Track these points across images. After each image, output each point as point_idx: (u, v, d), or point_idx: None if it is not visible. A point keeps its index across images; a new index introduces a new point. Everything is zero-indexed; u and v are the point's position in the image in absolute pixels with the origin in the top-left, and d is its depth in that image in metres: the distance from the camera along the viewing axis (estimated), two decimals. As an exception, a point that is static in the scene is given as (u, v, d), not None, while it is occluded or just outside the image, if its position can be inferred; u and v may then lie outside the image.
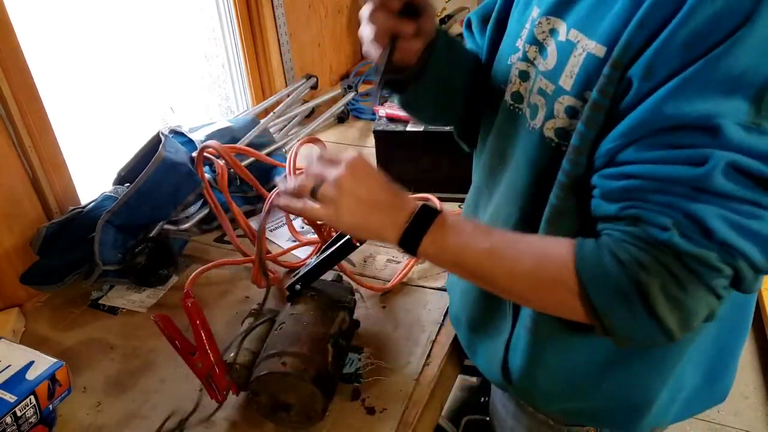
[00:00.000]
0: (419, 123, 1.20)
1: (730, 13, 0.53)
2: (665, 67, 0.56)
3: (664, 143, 0.56)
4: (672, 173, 0.55)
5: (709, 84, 0.54)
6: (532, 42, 0.72)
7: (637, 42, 0.58)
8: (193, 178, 1.21)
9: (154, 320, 0.84)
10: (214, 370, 0.82)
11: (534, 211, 0.71)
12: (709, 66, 0.54)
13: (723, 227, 0.54)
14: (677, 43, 0.55)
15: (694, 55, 0.54)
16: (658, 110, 0.56)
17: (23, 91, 1.06)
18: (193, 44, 1.60)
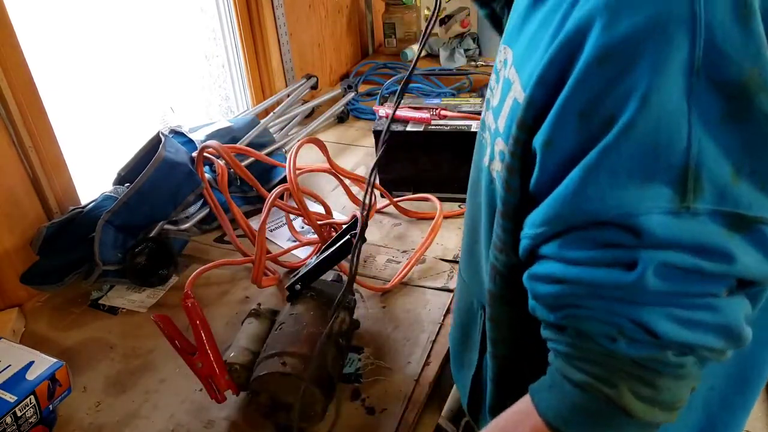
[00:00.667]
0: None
1: (626, 78, 0.47)
2: (565, 139, 0.51)
3: (586, 241, 0.52)
4: (603, 279, 0.51)
5: (618, 171, 0.48)
6: (494, 71, 0.70)
7: (538, 99, 0.53)
8: (193, 178, 1.21)
9: (154, 321, 0.84)
10: (214, 370, 0.82)
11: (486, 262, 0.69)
12: (614, 148, 0.48)
13: (671, 327, 0.50)
14: (573, 111, 0.50)
15: (593, 129, 0.49)
16: (572, 203, 0.51)
17: (23, 91, 1.06)
18: (193, 44, 1.60)
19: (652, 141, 0.47)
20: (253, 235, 1.14)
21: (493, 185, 0.66)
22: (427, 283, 1.09)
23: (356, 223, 0.94)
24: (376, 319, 1.01)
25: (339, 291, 0.93)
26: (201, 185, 1.21)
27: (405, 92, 1.80)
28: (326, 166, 1.30)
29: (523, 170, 0.57)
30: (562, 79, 0.51)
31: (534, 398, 0.57)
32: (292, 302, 0.92)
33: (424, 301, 1.05)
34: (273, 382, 0.80)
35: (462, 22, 2.06)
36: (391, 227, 1.25)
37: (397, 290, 1.08)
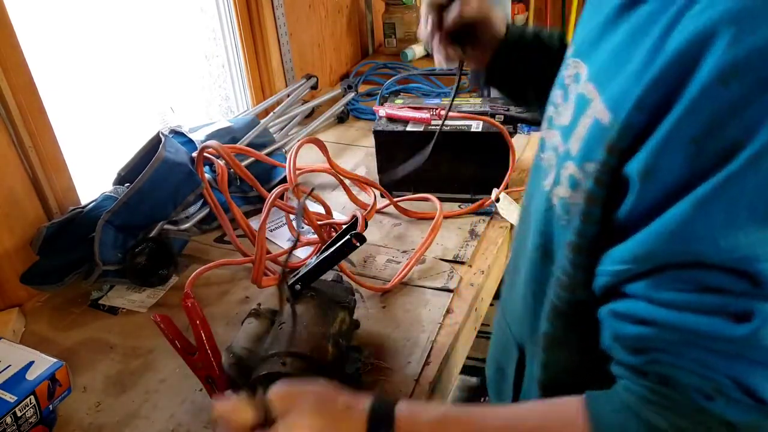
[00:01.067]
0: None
1: (755, 100, 0.41)
2: (671, 168, 0.45)
3: (686, 283, 0.45)
4: (703, 327, 0.45)
5: (738, 208, 0.42)
6: (560, 86, 0.64)
7: (636, 125, 0.47)
8: (193, 178, 1.21)
9: (154, 320, 0.84)
10: (213, 370, 0.82)
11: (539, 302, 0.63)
12: (736, 181, 0.42)
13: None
14: (684, 137, 0.44)
15: (709, 158, 0.43)
16: (673, 240, 0.45)
17: (23, 90, 1.06)
18: (193, 44, 1.60)
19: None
20: (253, 235, 1.14)
21: (550, 212, 0.60)
22: (427, 283, 1.09)
23: (356, 223, 0.94)
24: (376, 319, 1.01)
25: (339, 291, 0.94)
26: (201, 185, 1.21)
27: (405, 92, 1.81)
28: (326, 166, 1.30)
29: (607, 199, 0.51)
30: (668, 101, 0.45)
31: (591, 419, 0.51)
32: (291, 302, 0.92)
33: (424, 301, 1.05)
34: (273, 381, 0.79)
35: (462, 22, 2.06)
36: (391, 227, 1.25)
37: (397, 290, 1.08)
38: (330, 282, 0.97)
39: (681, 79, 0.44)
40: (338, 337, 0.87)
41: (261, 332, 0.89)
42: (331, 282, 0.98)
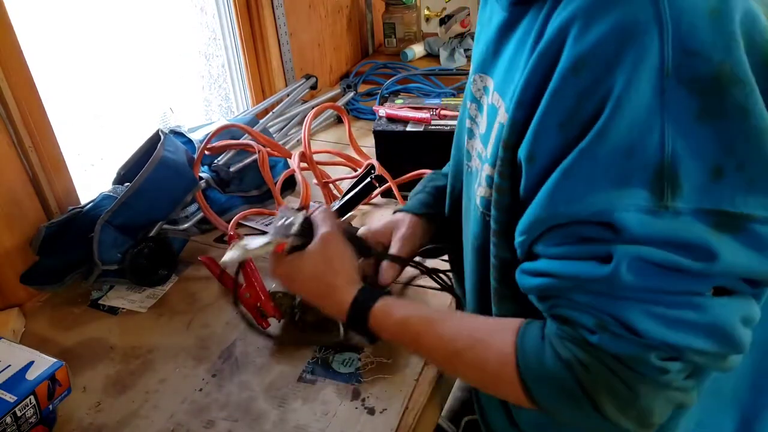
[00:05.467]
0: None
1: (600, 85, 0.49)
2: (546, 149, 0.53)
3: (567, 237, 0.53)
4: (581, 271, 0.52)
5: (595, 173, 0.50)
6: (472, 100, 0.71)
7: (519, 120, 0.55)
8: (192, 177, 1.21)
9: (202, 261, 0.99)
10: (260, 297, 0.93)
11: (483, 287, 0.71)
12: (589, 152, 0.50)
13: (652, 325, 0.50)
14: (552, 123, 0.52)
15: (571, 137, 0.51)
16: (550, 207, 0.53)
17: (23, 91, 1.06)
18: (193, 44, 1.60)
19: (626, 143, 0.48)
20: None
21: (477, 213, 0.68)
22: (427, 283, 1.09)
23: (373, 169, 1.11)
24: (376, 319, 1.01)
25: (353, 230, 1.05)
26: (199, 185, 1.21)
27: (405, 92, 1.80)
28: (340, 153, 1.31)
29: (512, 188, 0.59)
30: (540, 94, 0.53)
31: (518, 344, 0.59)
32: None
33: (424, 302, 1.04)
34: None
35: (462, 22, 2.06)
36: (391, 227, 1.25)
37: (398, 290, 1.07)
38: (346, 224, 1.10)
39: (546, 73, 0.52)
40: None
41: None
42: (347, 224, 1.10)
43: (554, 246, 0.55)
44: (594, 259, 0.52)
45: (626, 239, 0.49)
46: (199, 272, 1.14)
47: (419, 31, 2.17)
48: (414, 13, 2.12)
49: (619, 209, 0.49)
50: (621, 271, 0.49)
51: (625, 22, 0.48)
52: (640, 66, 0.47)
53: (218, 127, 1.31)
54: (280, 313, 0.96)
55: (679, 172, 0.48)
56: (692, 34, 0.47)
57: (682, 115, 0.47)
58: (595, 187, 0.50)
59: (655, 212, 0.48)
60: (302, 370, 0.92)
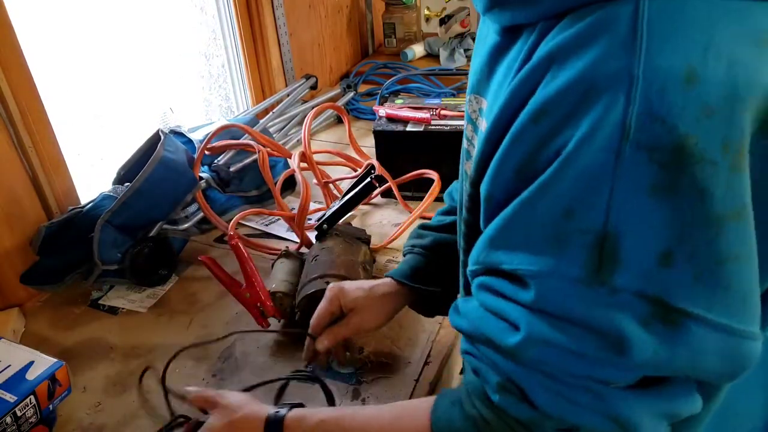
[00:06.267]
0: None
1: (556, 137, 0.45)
2: (501, 192, 0.50)
3: (492, 285, 0.52)
4: (492, 332, 0.51)
5: (530, 229, 0.47)
6: (468, 121, 0.69)
7: (485, 157, 0.53)
8: (192, 177, 1.21)
9: (202, 261, 0.96)
10: (260, 297, 0.93)
11: None
12: (528, 205, 0.47)
13: (548, 399, 0.49)
14: (510, 167, 0.49)
15: (520, 184, 0.48)
16: (485, 248, 0.51)
17: (23, 91, 1.06)
18: (193, 44, 1.60)
19: (567, 202, 0.45)
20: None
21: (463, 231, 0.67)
22: (427, 283, 1.09)
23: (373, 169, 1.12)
24: (376, 319, 1.01)
25: (357, 230, 1.10)
26: (199, 185, 1.21)
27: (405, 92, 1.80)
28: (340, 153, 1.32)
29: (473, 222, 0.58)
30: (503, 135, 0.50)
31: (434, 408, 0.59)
32: (320, 240, 1.05)
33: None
34: (320, 298, 0.88)
35: (462, 22, 2.06)
36: (392, 227, 1.25)
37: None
38: (347, 225, 1.14)
39: (513, 114, 0.49)
40: (365, 264, 1.01)
41: (295, 268, 1.03)
42: (348, 225, 1.14)
43: (482, 290, 0.54)
44: (506, 321, 0.50)
45: (539, 310, 0.47)
46: (199, 272, 1.15)
47: (419, 31, 2.17)
48: (414, 13, 2.12)
49: (543, 274, 0.46)
50: (526, 345, 0.48)
51: (593, 71, 0.44)
52: (599, 123, 0.43)
53: (218, 127, 1.31)
54: (280, 313, 0.96)
55: (621, 245, 0.44)
56: (662, 97, 0.42)
57: (636, 185, 0.43)
58: (529, 241, 0.48)
59: (586, 284, 0.45)
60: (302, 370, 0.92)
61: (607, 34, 0.44)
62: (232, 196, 1.31)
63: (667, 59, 0.42)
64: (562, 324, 0.47)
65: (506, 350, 0.50)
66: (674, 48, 0.42)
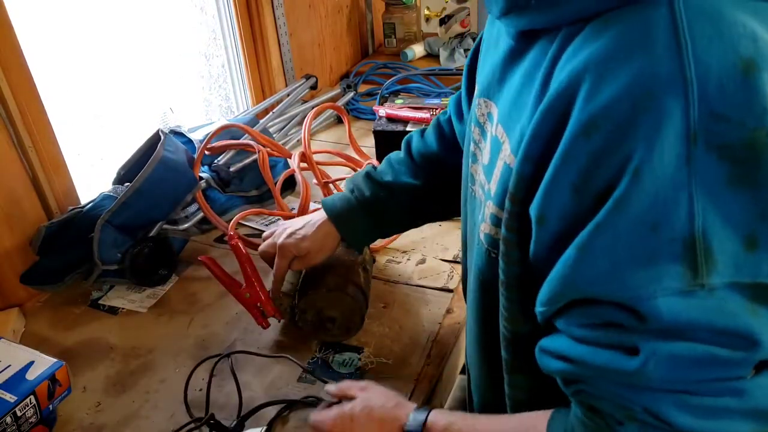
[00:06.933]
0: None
1: (615, 150, 0.44)
2: (557, 212, 0.48)
3: (590, 318, 0.49)
4: (606, 362, 0.48)
5: (615, 251, 0.45)
6: (476, 124, 0.67)
7: (527, 174, 0.51)
8: (192, 177, 1.21)
9: (202, 261, 0.96)
10: (261, 298, 0.93)
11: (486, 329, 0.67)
12: (607, 226, 0.45)
13: (685, 417, 0.46)
14: (564, 184, 0.47)
15: (586, 203, 0.46)
16: (569, 283, 0.48)
17: (23, 91, 1.06)
18: (193, 44, 1.60)
19: (650, 216, 0.43)
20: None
21: (481, 247, 0.64)
22: (427, 283, 1.09)
23: None
24: (376, 318, 1.01)
25: None
26: (199, 185, 1.21)
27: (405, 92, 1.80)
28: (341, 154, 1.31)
29: (521, 242, 0.54)
30: (548, 151, 0.48)
31: (550, 425, 0.56)
32: None
33: (424, 301, 1.05)
34: (319, 299, 0.92)
35: (462, 22, 2.06)
36: (391, 227, 1.25)
37: (397, 290, 1.08)
38: None
39: (556, 129, 0.47)
40: (364, 264, 1.01)
41: None
42: None
43: (577, 327, 0.50)
44: (620, 349, 0.47)
45: (655, 329, 0.45)
46: (199, 272, 1.15)
47: (419, 31, 2.17)
48: (414, 13, 2.12)
49: (647, 295, 0.44)
50: (649, 367, 0.46)
51: (642, 79, 0.43)
52: (662, 131, 0.42)
53: (218, 127, 1.31)
54: (281, 313, 0.96)
55: (712, 245, 0.43)
56: (722, 95, 0.41)
57: (712, 183, 0.42)
58: (618, 265, 0.45)
59: (688, 293, 0.44)
60: (302, 370, 0.92)
61: (648, 40, 0.43)
62: (232, 196, 1.31)
63: (718, 56, 0.42)
64: (682, 336, 0.45)
65: (629, 375, 0.47)
66: (721, 44, 0.42)
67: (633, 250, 0.44)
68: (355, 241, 0.94)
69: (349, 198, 0.92)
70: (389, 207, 0.92)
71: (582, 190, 0.46)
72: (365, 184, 0.92)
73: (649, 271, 0.44)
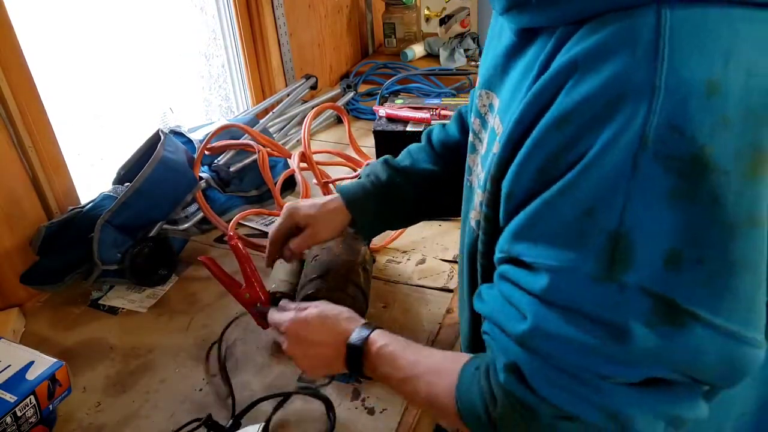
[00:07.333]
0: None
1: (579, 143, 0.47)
2: (522, 190, 0.53)
3: (509, 276, 0.55)
4: (502, 318, 0.55)
5: (551, 226, 0.50)
6: (477, 115, 0.70)
7: (505, 156, 0.55)
8: (192, 177, 1.21)
9: (201, 261, 0.93)
10: (260, 298, 0.90)
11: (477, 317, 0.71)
12: (552, 205, 0.49)
13: (546, 386, 0.51)
14: (532, 167, 0.51)
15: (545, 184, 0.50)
16: (509, 240, 0.54)
17: (23, 91, 1.06)
18: (193, 44, 1.60)
19: (588, 203, 0.47)
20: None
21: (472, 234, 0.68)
22: (427, 283, 1.09)
23: None
24: (376, 318, 1.01)
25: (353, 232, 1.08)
26: (199, 185, 1.21)
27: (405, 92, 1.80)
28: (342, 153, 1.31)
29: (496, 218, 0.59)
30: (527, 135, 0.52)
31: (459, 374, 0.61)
32: None
33: (424, 301, 1.05)
34: (319, 298, 0.88)
35: (462, 22, 2.06)
36: (391, 227, 1.25)
37: (397, 290, 1.08)
38: None
39: (538, 114, 0.51)
40: (364, 264, 1.01)
41: (295, 268, 1.03)
42: None
43: (502, 279, 0.56)
44: (517, 309, 0.53)
45: (546, 300, 0.50)
46: (199, 272, 1.15)
47: (419, 31, 2.17)
48: (414, 13, 2.12)
49: (560, 268, 0.49)
50: (531, 336, 0.51)
51: (618, 81, 0.45)
52: (622, 132, 0.45)
53: (218, 127, 1.31)
54: None
55: (635, 246, 0.46)
56: (683, 109, 0.43)
57: (651, 191, 0.45)
58: (551, 236, 0.50)
59: (598, 279, 0.47)
60: (302, 370, 0.92)
61: (630, 45, 0.45)
62: (232, 196, 1.31)
63: (690, 72, 0.44)
64: (568, 316, 0.49)
65: (515, 337, 0.52)
66: (697, 60, 0.44)
67: (567, 227, 0.49)
68: (364, 223, 0.91)
69: (364, 182, 0.91)
70: (403, 193, 0.91)
71: (544, 174, 0.50)
72: (382, 169, 0.92)
73: (574, 249, 0.48)
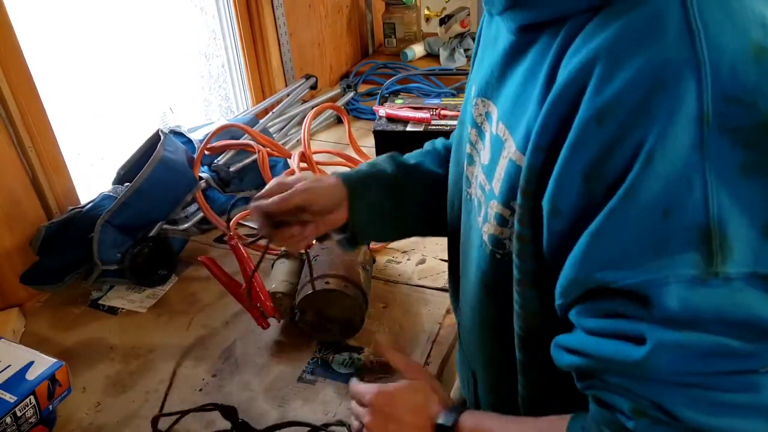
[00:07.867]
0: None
1: (627, 137, 0.43)
2: (570, 203, 0.47)
3: (599, 309, 0.48)
4: (613, 353, 0.47)
5: (626, 238, 0.44)
6: (472, 125, 0.66)
7: (536, 165, 0.50)
8: (192, 177, 1.21)
9: (202, 261, 0.95)
10: (260, 298, 0.92)
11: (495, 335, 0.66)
12: (618, 212, 0.44)
13: (693, 412, 0.45)
14: (575, 174, 0.46)
15: (598, 192, 0.45)
16: (582, 270, 0.47)
17: (23, 91, 1.06)
18: (193, 44, 1.60)
19: (662, 202, 0.43)
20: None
21: (484, 249, 0.62)
22: (427, 283, 1.09)
23: None
24: (376, 318, 1.01)
25: None
26: (199, 185, 1.21)
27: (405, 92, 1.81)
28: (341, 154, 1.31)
29: (535, 237, 0.53)
30: (559, 139, 0.48)
31: (569, 428, 0.55)
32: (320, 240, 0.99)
33: (424, 301, 1.05)
34: (319, 298, 0.92)
35: (462, 22, 2.06)
36: (391, 227, 1.25)
37: (397, 290, 1.08)
38: None
39: (566, 118, 0.47)
40: (364, 264, 1.02)
41: (294, 268, 1.03)
42: None
43: (588, 317, 0.49)
44: (627, 339, 0.46)
45: (661, 318, 0.44)
46: (199, 272, 1.15)
47: (419, 31, 2.17)
48: (414, 13, 2.12)
49: (658, 281, 0.43)
50: (655, 357, 0.44)
51: (655, 66, 0.43)
52: (675, 116, 0.42)
53: (218, 127, 1.31)
54: (280, 314, 0.96)
55: (728, 232, 0.42)
56: (734, 78, 0.42)
57: (727, 169, 0.42)
58: (629, 252, 0.44)
59: (702, 281, 0.42)
60: (302, 370, 0.92)
61: (660, 27, 0.44)
62: (232, 196, 1.31)
63: (729, 40, 0.42)
64: (692, 326, 0.43)
65: (634, 366, 0.45)
66: (733, 29, 0.43)
67: (645, 236, 0.44)
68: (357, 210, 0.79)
69: (367, 170, 0.84)
70: (404, 192, 0.83)
71: (594, 178, 0.45)
72: (387, 162, 0.85)
73: (661, 257, 0.43)
